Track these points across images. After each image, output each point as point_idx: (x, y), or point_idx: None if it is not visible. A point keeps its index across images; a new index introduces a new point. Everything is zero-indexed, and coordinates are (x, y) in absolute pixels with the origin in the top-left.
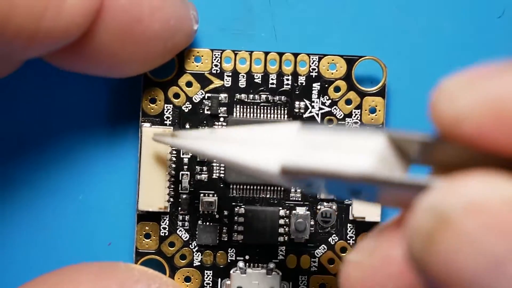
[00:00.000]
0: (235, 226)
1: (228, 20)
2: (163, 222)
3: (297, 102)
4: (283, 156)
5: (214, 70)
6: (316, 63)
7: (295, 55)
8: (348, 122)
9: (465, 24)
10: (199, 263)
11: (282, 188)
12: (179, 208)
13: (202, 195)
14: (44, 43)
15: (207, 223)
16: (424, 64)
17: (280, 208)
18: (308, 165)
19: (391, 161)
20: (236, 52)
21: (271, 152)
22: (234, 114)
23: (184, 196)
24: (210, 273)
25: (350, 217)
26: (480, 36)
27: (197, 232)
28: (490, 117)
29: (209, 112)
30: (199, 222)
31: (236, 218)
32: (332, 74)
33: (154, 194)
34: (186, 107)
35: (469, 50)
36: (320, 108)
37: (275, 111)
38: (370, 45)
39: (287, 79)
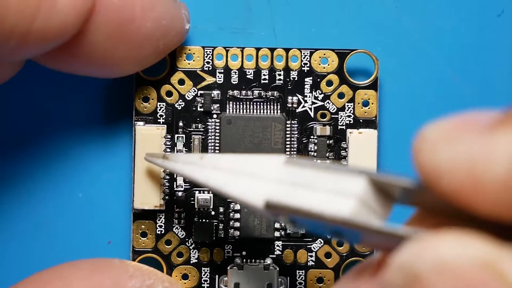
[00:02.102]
0: (231, 222)
1: (227, 19)
2: (159, 220)
3: (289, 97)
4: (268, 191)
5: (206, 67)
6: (307, 58)
7: (287, 50)
8: (342, 116)
9: (465, 22)
10: (196, 260)
11: None
12: (175, 205)
13: (197, 192)
14: (37, 44)
15: (203, 220)
16: (419, 58)
17: None
18: (291, 204)
19: (373, 203)
20: (227, 48)
21: (257, 186)
22: (227, 110)
23: (180, 193)
24: (207, 270)
25: None
26: (479, 35)
27: (193, 230)
28: (467, 179)
29: (202, 109)
30: (195, 219)
31: (231, 214)
32: (324, 68)
33: (149, 192)
34: (179, 104)
35: (468, 48)
36: (313, 103)
37: (268, 106)
38: (369, 39)
39: (279, 75)
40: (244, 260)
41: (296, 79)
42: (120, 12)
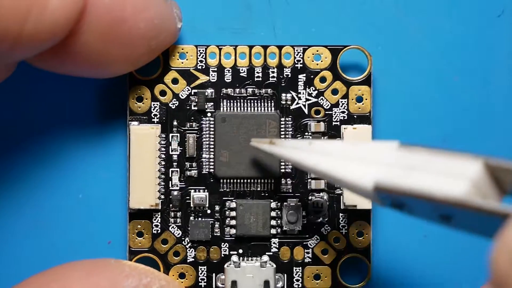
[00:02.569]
0: (227, 221)
1: (227, 19)
2: (155, 219)
3: (283, 94)
4: (379, 173)
5: (199, 66)
6: (301, 55)
7: (280, 47)
8: (336, 112)
9: (465, 23)
10: (193, 259)
11: (273, 181)
12: (171, 205)
13: (192, 191)
14: (28, 46)
15: (199, 219)
16: (418, 57)
17: (271, 200)
18: (402, 185)
19: (486, 189)
20: (220, 47)
21: (367, 168)
22: (221, 108)
23: (175, 192)
24: (204, 269)
25: (342, 206)
26: (479, 35)
27: (189, 228)
28: None
29: (196, 108)
30: (191, 218)
31: (227, 212)
32: (317, 65)
33: (144, 192)
34: (173, 103)
35: (468, 48)
36: (307, 99)
37: (262, 104)
38: (370, 38)
39: (273, 72)
40: (241, 258)
41: (289, 76)
42: (111, 13)
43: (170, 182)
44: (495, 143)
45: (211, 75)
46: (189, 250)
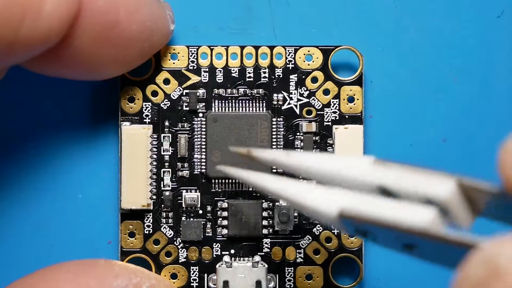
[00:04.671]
0: (219, 221)
1: (227, 20)
2: (146, 220)
3: (275, 95)
4: (342, 200)
5: (191, 66)
6: (292, 55)
7: (271, 48)
8: (327, 112)
9: (464, 23)
10: (185, 260)
11: None
12: (162, 205)
13: (184, 191)
14: (23, 51)
15: (191, 219)
16: (418, 58)
17: (263, 200)
18: (365, 212)
19: (458, 210)
20: (212, 47)
21: (330, 194)
22: (213, 109)
23: (167, 193)
24: (196, 269)
25: None
26: (479, 35)
27: (181, 229)
28: None
29: (187, 108)
30: (183, 218)
31: (219, 212)
32: (308, 65)
33: (136, 192)
34: (165, 104)
35: (468, 48)
36: (298, 100)
37: (254, 104)
38: (370, 39)
39: (264, 72)
40: (233, 258)
41: (281, 76)
42: (105, 17)
43: (162, 182)
44: (495, 144)
45: (203, 75)
46: (181, 251)
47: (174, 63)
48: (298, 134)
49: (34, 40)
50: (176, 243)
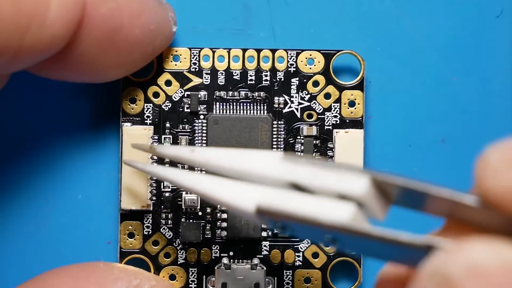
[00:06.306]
0: (218, 223)
1: (227, 20)
2: (146, 221)
3: (276, 98)
4: (260, 196)
5: (192, 68)
6: (294, 59)
7: (273, 51)
8: (328, 116)
9: (464, 23)
10: (184, 261)
11: None
12: (162, 206)
13: (184, 192)
14: (28, 58)
15: (190, 221)
16: (417, 59)
17: None
18: (284, 208)
19: (373, 205)
20: (214, 50)
21: (248, 190)
22: (214, 111)
23: (167, 194)
24: (194, 271)
25: None
26: (478, 35)
27: (180, 230)
28: None
29: (189, 110)
30: (182, 219)
31: (218, 214)
32: (310, 69)
33: (136, 192)
34: (166, 105)
35: (467, 49)
36: (300, 103)
37: (255, 107)
38: (369, 40)
39: (266, 75)
40: (232, 260)
41: (282, 79)
42: (108, 22)
43: (162, 183)
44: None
45: (205, 77)
46: (180, 252)
47: (176, 65)
48: (298, 137)
49: (39, 48)
50: (175, 244)
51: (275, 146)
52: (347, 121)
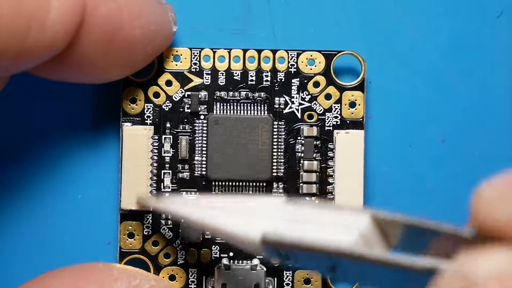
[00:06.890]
0: None
1: (227, 20)
2: (146, 221)
3: (276, 98)
4: (265, 226)
5: (193, 68)
6: (294, 59)
7: (274, 51)
8: (329, 117)
9: (464, 23)
10: (183, 261)
11: (264, 184)
12: None
13: (184, 193)
14: (29, 60)
15: None
16: (417, 59)
17: None
18: (288, 236)
19: (373, 241)
20: (214, 50)
21: (254, 222)
22: (214, 111)
23: (167, 194)
24: (194, 271)
25: None
26: (478, 36)
27: (180, 230)
28: None
29: (189, 110)
30: (182, 220)
31: None
32: (311, 69)
33: (136, 193)
34: (167, 106)
35: (467, 49)
36: (300, 104)
37: (255, 107)
38: (369, 40)
39: (266, 76)
40: (231, 260)
41: (283, 80)
42: (108, 23)
43: (162, 183)
44: (495, 145)
45: (205, 77)
46: (179, 252)
47: (176, 65)
48: (299, 138)
49: (39, 49)
50: (175, 244)
51: (275, 146)
52: (348, 122)
